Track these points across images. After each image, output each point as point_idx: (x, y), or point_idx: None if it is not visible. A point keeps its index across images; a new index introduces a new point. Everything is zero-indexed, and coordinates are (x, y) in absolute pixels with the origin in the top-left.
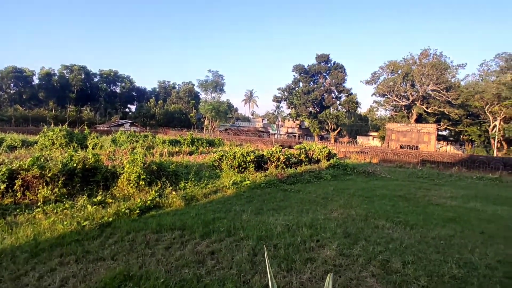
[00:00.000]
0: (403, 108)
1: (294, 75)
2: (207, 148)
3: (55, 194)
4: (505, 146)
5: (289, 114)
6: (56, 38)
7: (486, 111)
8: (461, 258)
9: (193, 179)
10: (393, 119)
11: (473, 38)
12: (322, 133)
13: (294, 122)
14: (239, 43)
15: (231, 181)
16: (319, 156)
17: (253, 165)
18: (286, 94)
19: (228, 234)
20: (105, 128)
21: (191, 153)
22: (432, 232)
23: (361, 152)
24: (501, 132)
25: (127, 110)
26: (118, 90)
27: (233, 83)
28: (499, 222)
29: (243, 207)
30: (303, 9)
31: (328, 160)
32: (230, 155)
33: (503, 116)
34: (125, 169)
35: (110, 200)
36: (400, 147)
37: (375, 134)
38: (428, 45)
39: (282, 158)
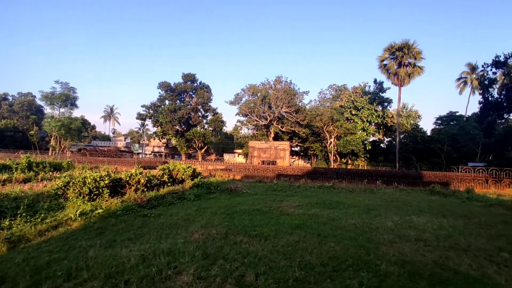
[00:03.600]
0: (263, 127)
1: (159, 92)
2: (50, 173)
3: None
4: (338, 158)
5: (155, 132)
6: None
7: (324, 130)
8: (302, 261)
9: (24, 214)
10: (255, 137)
11: (313, 70)
12: (190, 152)
13: (161, 140)
14: (96, 53)
15: (78, 212)
16: (183, 176)
17: (108, 190)
18: (152, 111)
19: (68, 278)
20: None
21: (27, 181)
22: (282, 240)
23: (226, 170)
24: (335, 147)
25: None
26: None
27: (89, 98)
28: (331, 223)
29: (91, 242)
30: (170, 26)
31: (192, 179)
32: (79, 181)
33: (335, 135)
34: None
35: None
36: (262, 162)
37: (240, 151)
38: (281, 73)
39: (142, 181)
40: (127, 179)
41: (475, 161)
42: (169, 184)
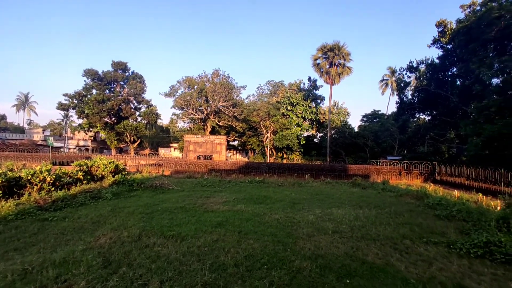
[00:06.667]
0: (199, 121)
1: (85, 81)
2: None
3: None
4: (275, 153)
5: (80, 124)
6: None
7: (261, 125)
8: (216, 262)
9: None
10: (191, 131)
11: (250, 65)
12: (122, 146)
13: (87, 133)
14: (4, 32)
15: None
16: (103, 173)
17: (1, 192)
18: (76, 101)
19: None
20: None
21: None
22: (200, 240)
23: (156, 165)
24: (272, 142)
25: None
26: None
27: None
28: (255, 219)
29: None
30: (97, 10)
31: (114, 176)
32: None
33: (272, 129)
34: None
35: None
36: (198, 157)
37: (176, 145)
38: (218, 67)
39: (48, 179)
40: (29, 178)
41: (393, 155)
42: (84, 182)
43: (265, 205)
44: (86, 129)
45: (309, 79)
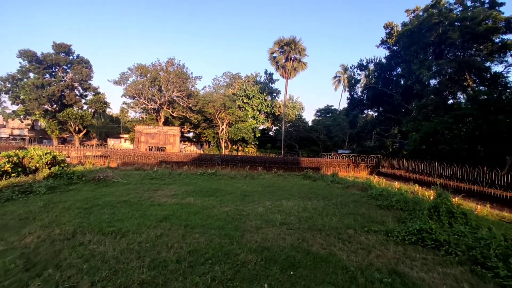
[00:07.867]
0: (152, 111)
1: (20, 63)
2: None
3: None
4: (230, 145)
5: (15, 111)
6: None
7: (216, 117)
8: (157, 258)
9: None
10: (143, 121)
11: (207, 55)
12: (65, 136)
13: (23, 122)
14: None
15: None
16: (37, 165)
17: None
18: (9, 85)
19: None
20: None
21: None
22: (142, 236)
23: (102, 156)
24: (227, 134)
25: None
26: None
27: None
28: (203, 212)
29: None
30: None
31: (50, 168)
32: None
33: (227, 122)
34: None
35: None
36: (150, 148)
37: (127, 136)
38: (173, 55)
39: None
40: None
41: (343, 148)
42: (14, 174)
43: (215, 198)
44: (22, 116)
45: (266, 72)
